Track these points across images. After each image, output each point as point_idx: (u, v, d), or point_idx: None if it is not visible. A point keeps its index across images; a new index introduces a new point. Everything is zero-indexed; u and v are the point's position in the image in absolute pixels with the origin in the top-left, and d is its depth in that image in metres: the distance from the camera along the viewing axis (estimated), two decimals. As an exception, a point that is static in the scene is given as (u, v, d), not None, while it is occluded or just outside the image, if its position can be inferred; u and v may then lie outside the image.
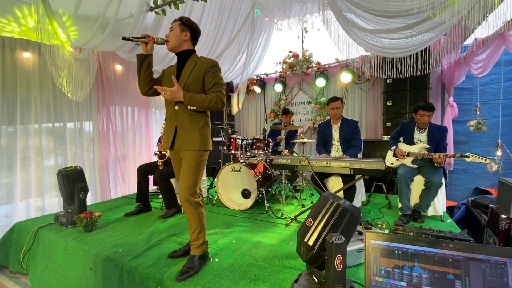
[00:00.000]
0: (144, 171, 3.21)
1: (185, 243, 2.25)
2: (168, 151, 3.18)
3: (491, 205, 2.75)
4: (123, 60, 4.09)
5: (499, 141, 3.02)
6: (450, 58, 3.69)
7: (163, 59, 3.88)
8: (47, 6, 2.37)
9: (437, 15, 1.66)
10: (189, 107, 1.72)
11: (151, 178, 3.36)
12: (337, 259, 0.93)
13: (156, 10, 2.94)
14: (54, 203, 3.62)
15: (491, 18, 2.13)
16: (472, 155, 2.47)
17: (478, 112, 3.48)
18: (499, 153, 2.92)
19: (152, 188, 3.75)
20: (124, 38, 1.73)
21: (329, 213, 1.17)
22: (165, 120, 3.44)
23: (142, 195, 3.19)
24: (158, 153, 3.25)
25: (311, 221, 1.23)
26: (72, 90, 3.10)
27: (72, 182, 2.75)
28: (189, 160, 1.81)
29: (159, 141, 3.60)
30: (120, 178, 4.48)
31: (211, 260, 1.95)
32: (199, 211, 1.84)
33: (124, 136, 4.60)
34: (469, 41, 3.37)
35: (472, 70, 3.30)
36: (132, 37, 1.75)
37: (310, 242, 1.16)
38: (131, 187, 4.56)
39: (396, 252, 0.90)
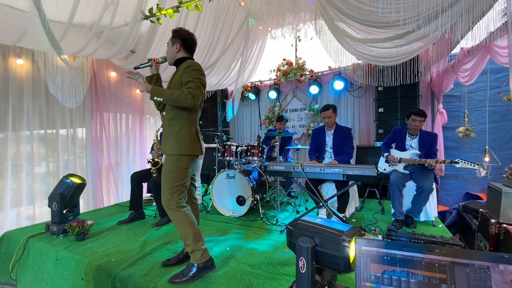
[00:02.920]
0: (137, 179, 3.19)
1: (179, 251, 2.23)
2: (160, 158, 3.19)
3: (481, 209, 2.81)
4: (117, 67, 4.09)
5: (487, 147, 3.11)
6: (439, 67, 3.81)
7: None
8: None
9: (421, 28, 1.73)
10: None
11: (145, 185, 3.34)
12: (301, 261, 0.98)
13: (151, 18, 2.97)
14: (45, 211, 3.55)
15: (476, 29, 2.23)
16: (462, 161, 2.53)
17: (466, 119, 3.58)
18: (487, 159, 3.00)
19: (146, 195, 3.71)
20: (135, 68, 1.96)
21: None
22: (161, 126, 3.45)
23: (136, 203, 3.16)
24: (151, 160, 3.23)
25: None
26: (66, 97, 3.08)
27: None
28: (164, 165, 1.87)
29: (152, 148, 3.59)
30: (113, 186, 4.43)
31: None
32: (179, 217, 1.80)
33: (118, 143, 4.57)
34: (456, 50, 3.50)
35: (460, 79, 3.41)
36: (140, 65, 1.98)
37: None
38: (125, 195, 4.51)
39: (385, 257, 0.93)
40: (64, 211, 2.69)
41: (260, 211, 3.16)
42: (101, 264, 2.01)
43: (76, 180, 2.77)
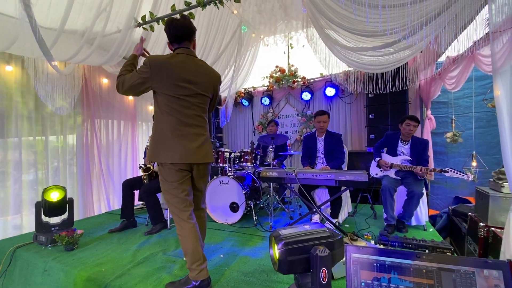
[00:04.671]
0: (129, 186, 3.14)
1: (172, 260, 2.20)
2: (153, 164, 3.16)
3: (470, 213, 2.88)
4: (109, 74, 4.07)
5: (474, 152, 3.20)
6: (426, 74, 3.92)
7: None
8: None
9: (407, 38, 1.80)
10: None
11: (136, 193, 3.29)
12: (322, 272, 0.95)
13: (144, 26, 2.98)
14: (33, 220, 3.44)
15: (460, 39, 2.32)
16: (451, 171, 2.57)
17: (453, 125, 3.68)
18: (474, 163, 3.09)
19: (138, 203, 3.66)
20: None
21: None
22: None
23: (127, 211, 3.10)
24: (142, 166, 3.18)
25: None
26: (56, 104, 3.03)
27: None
28: None
29: (145, 154, 3.56)
30: (104, 193, 4.35)
31: None
32: (179, 231, 1.70)
33: (109, 149, 4.51)
34: (442, 58, 3.61)
35: (446, 86, 3.52)
36: None
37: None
38: (116, 203, 4.43)
39: (375, 264, 0.94)
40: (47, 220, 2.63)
41: (254, 217, 3.16)
42: (91, 274, 1.96)
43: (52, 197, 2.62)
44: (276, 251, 1.17)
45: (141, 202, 3.82)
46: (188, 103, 1.68)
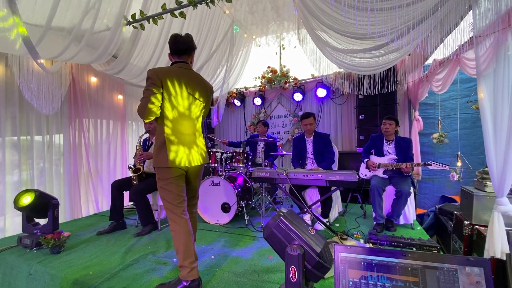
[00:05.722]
0: (118, 187, 3.08)
1: (162, 261, 2.18)
2: (142, 165, 3.11)
3: (455, 212, 2.96)
4: (98, 72, 3.98)
5: (459, 152, 3.30)
6: (414, 76, 4.01)
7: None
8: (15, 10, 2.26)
9: (395, 41, 1.84)
10: None
11: (126, 194, 3.23)
12: (291, 269, 0.99)
13: (134, 24, 2.94)
14: (16, 223, 3.34)
15: (447, 42, 2.38)
16: (434, 163, 2.67)
17: (440, 126, 3.78)
18: (459, 163, 3.18)
19: (127, 204, 3.60)
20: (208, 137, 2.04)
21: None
22: (144, 133, 3.38)
23: (116, 212, 3.05)
24: (132, 166, 3.12)
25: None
26: (42, 103, 2.94)
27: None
28: None
29: (135, 154, 3.49)
30: (93, 194, 4.26)
31: None
32: (173, 228, 1.78)
33: (98, 149, 4.41)
34: (430, 61, 3.71)
35: (433, 88, 3.61)
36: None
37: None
38: (105, 204, 4.34)
39: (362, 263, 0.96)
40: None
41: (245, 217, 3.15)
42: (78, 277, 1.92)
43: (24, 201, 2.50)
44: (272, 218, 1.33)
45: (131, 203, 3.76)
46: (186, 109, 1.86)
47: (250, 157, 3.63)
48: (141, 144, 3.23)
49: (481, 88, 1.85)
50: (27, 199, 2.49)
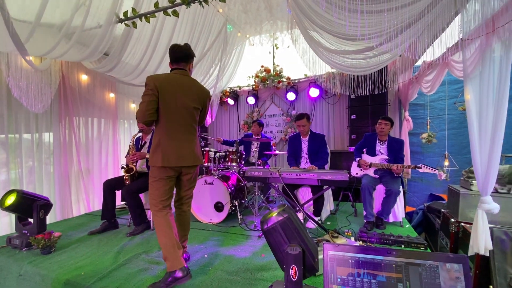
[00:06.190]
0: (110, 186, 3.04)
1: (155, 261, 2.18)
2: (135, 164, 3.09)
3: (442, 210, 3.05)
4: (89, 70, 3.92)
5: (446, 152, 3.39)
6: (404, 78, 4.10)
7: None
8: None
9: (383, 44, 1.88)
10: None
11: (118, 193, 3.20)
12: (292, 269, 1.01)
13: (126, 22, 2.91)
14: (4, 223, 3.28)
15: (435, 45, 2.45)
16: (424, 166, 2.74)
17: (429, 126, 3.88)
18: (446, 163, 3.27)
19: (119, 203, 3.56)
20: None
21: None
22: (138, 132, 3.35)
23: (108, 212, 3.02)
24: (124, 166, 3.09)
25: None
26: (31, 102, 2.89)
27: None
28: None
29: (128, 153, 3.46)
30: (84, 194, 4.20)
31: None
32: (156, 221, 1.90)
33: (89, 148, 4.35)
34: (419, 62, 3.79)
35: (423, 89, 3.70)
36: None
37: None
38: (96, 203, 4.29)
39: (350, 261, 1.01)
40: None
41: (239, 216, 3.17)
42: (70, 278, 1.91)
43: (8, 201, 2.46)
44: (277, 213, 1.32)
45: (123, 203, 3.73)
46: (181, 113, 1.96)
47: (244, 156, 3.65)
48: (134, 143, 3.21)
49: (468, 90, 1.91)
50: (11, 200, 2.46)
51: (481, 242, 1.86)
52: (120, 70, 3.66)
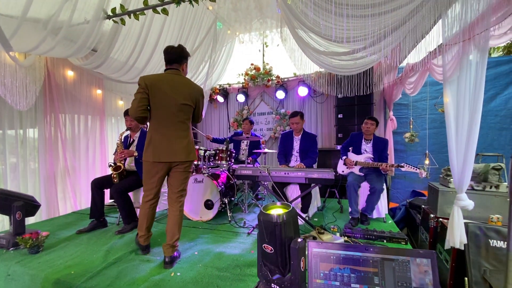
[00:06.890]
0: (98, 185, 3.00)
1: (145, 259, 2.21)
2: (123, 162, 3.07)
3: (423, 206, 3.21)
4: (75, 66, 3.84)
5: (427, 151, 3.56)
6: (389, 79, 4.24)
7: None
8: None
9: (367, 48, 1.97)
10: None
11: (107, 192, 3.17)
12: (302, 261, 1.10)
13: (114, 18, 2.86)
14: (-12, 222, 3.20)
15: (418, 48, 2.56)
16: (406, 165, 2.87)
17: (411, 126, 4.04)
18: (427, 161, 3.44)
19: (108, 201, 3.54)
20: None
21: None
22: (126, 130, 3.32)
23: (97, 210, 2.99)
24: (112, 164, 3.06)
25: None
26: (16, 99, 2.81)
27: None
28: None
29: (115, 151, 3.42)
30: (70, 192, 4.13)
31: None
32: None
33: (75, 145, 4.27)
34: (404, 63, 3.92)
35: (406, 90, 3.84)
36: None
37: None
38: (83, 201, 4.23)
39: (332, 257, 1.11)
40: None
41: (228, 214, 3.23)
42: (59, 277, 1.91)
43: None
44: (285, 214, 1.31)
45: (112, 200, 3.69)
46: (172, 111, 2.05)
47: (234, 154, 3.69)
48: (122, 141, 3.18)
49: (447, 94, 2.02)
50: None
51: (457, 236, 1.98)
52: (108, 67, 3.60)
